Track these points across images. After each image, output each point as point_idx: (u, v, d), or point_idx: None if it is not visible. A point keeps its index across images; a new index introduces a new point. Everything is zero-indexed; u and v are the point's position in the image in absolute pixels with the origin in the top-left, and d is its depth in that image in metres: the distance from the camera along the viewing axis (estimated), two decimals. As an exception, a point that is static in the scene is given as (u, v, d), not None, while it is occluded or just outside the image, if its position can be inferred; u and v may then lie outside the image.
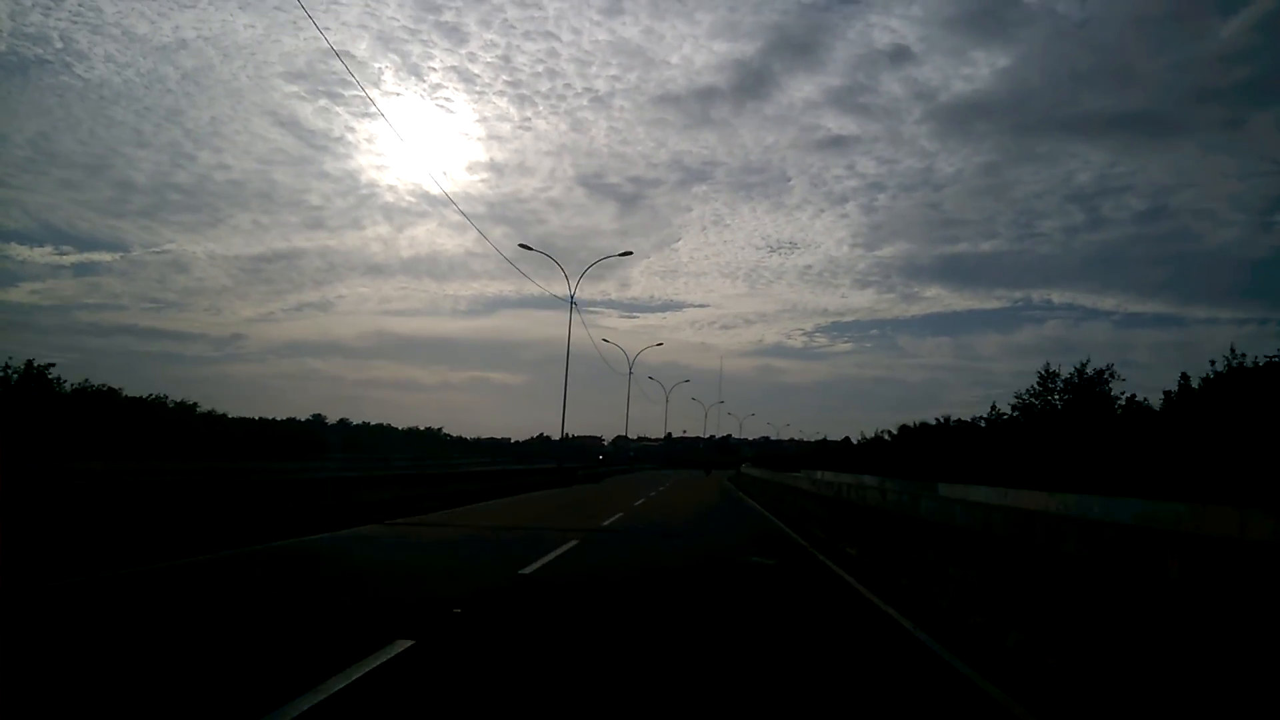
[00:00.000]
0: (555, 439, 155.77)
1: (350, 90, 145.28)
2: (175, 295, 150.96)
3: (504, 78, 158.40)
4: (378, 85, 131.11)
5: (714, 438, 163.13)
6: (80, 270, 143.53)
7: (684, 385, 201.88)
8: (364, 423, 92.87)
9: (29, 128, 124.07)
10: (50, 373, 40.58)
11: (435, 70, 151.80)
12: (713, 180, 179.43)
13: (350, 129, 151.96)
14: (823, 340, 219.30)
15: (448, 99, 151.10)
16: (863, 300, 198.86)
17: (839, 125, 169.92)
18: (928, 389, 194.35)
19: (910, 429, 69.78)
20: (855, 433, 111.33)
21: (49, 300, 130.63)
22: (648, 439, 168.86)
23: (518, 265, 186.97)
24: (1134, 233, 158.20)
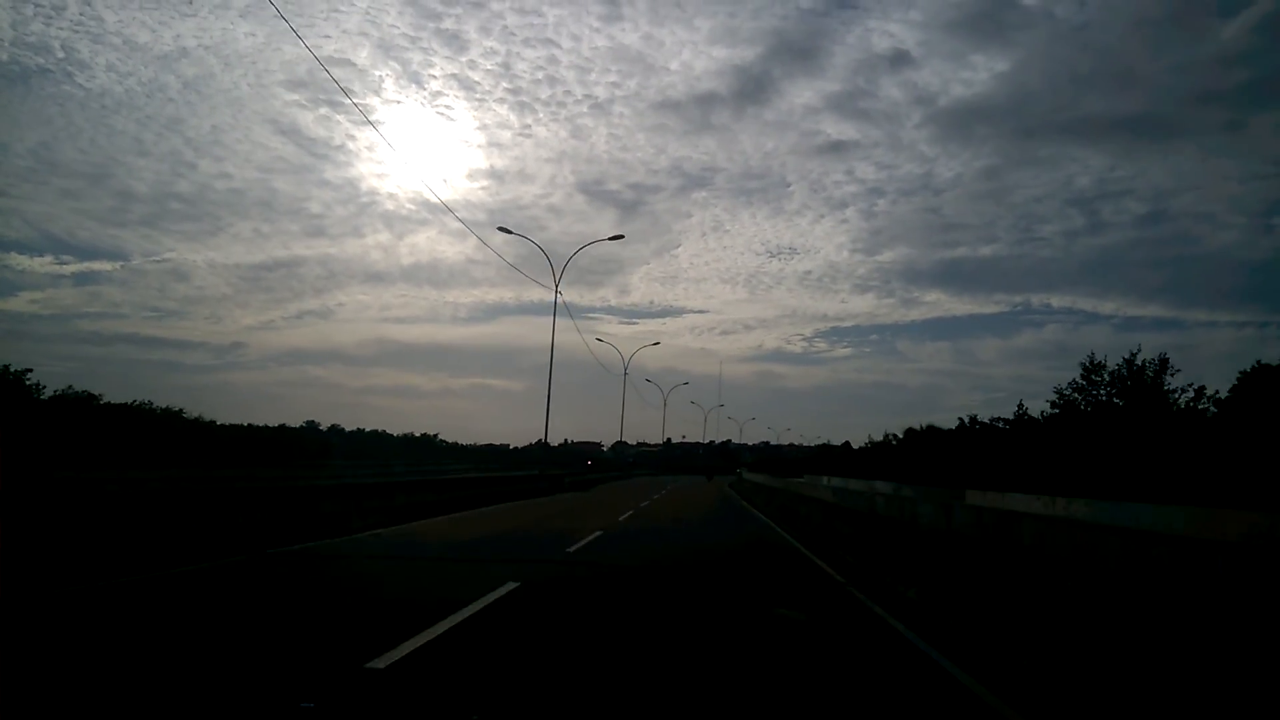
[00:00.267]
0: (554, 445, 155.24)
1: (352, 98, 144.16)
2: (176, 304, 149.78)
3: (504, 85, 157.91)
4: (378, 93, 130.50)
5: (713, 443, 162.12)
6: (80, 280, 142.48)
7: (684, 392, 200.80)
8: (358, 429, 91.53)
9: (30, 137, 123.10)
10: (28, 378, 39.03)
11: (435, 78, 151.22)
12: (712, 186, 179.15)
13: (351, 137, 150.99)
14: (822, 345, 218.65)
15: (448, 106, 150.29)
16: (862, 305, 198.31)
17: (838, 130, 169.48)
18: (927, 394, 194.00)
19: (917, 432, 68.15)
20: (855, 438, 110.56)
21: (49, 310, 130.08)
22: (647, 444, 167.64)
23: (520, 269, 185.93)
24: (1134, 236, 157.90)
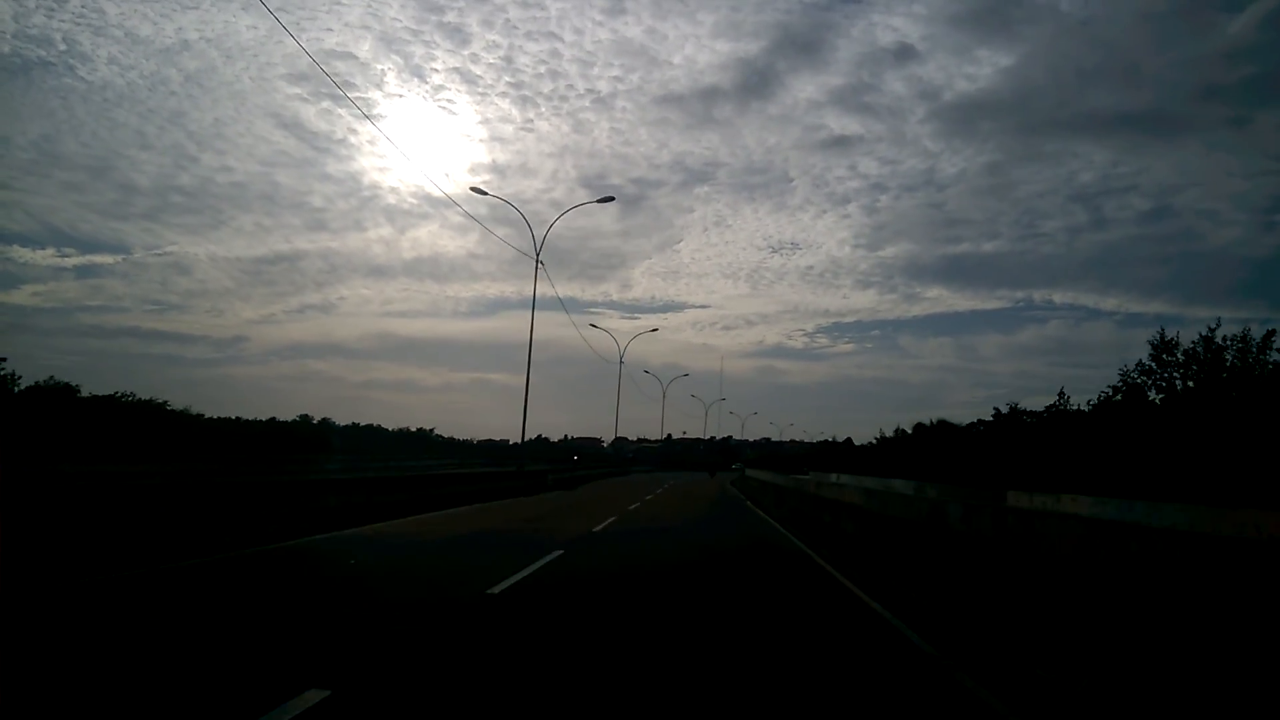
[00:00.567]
0: (554, 440, 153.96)
1: (353, 92, 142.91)
2: (177, 297, 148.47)
3: (506, 79, 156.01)
4: (380, 87, 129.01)
5: (714, 439, 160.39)
6: (82, 273, 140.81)
7: (685, 387, 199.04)
8: (354, 423, 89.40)
9: (32, 130, 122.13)
10: (1, 368, 37.13)
11: (438, 71, 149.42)
12: (715, 181, 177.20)
13: (353, 130, 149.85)
14: (824, 341, 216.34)
15: (450, 100, 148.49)
16: (864, 301, 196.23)
17: (842, 125, 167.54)
18: (929, 390, 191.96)
19: (928, 427, 66.02)
20: (857, 434, 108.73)
21: (51, 302, 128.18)
22: (648, 441, 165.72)
23: (517, 267, 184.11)
24: (1137, 233, 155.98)
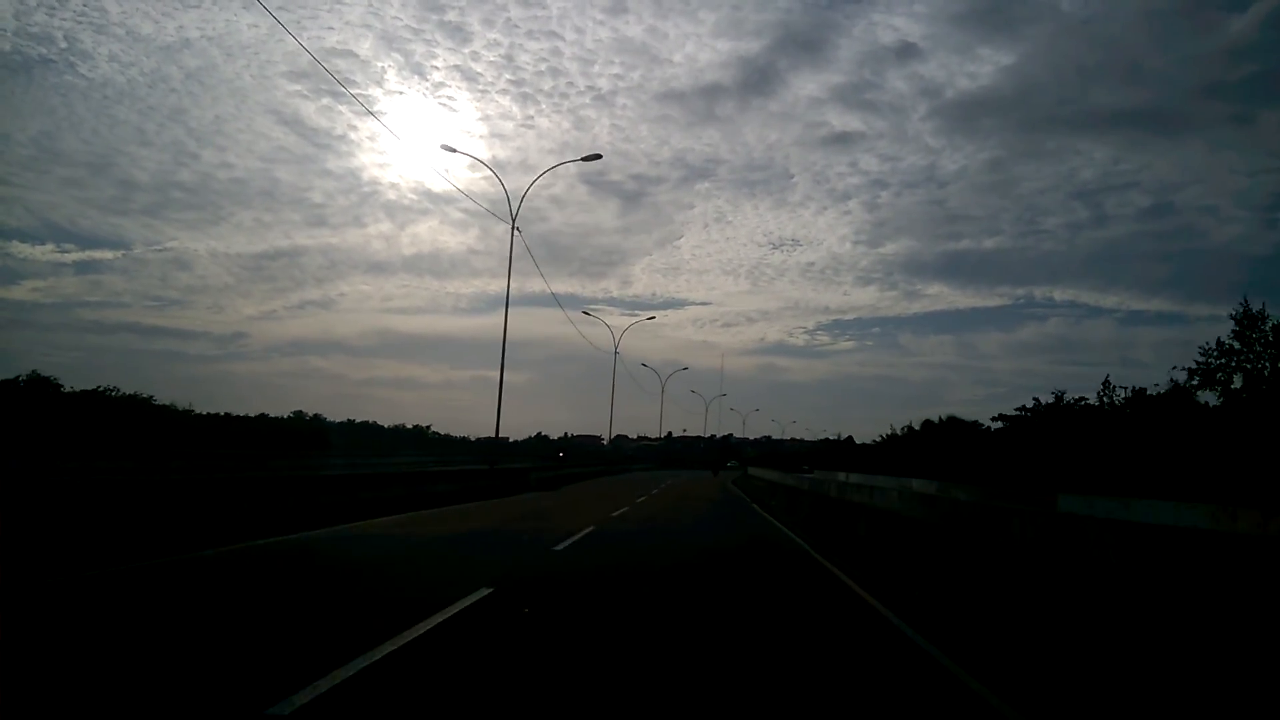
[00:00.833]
0: (554, 438, 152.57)
1: (353, 89, 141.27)
2: (178, 293, 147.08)
3: (507, 76, 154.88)
4: (380, 84, 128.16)
5: (714, 437, 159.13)
6: (82, 268, 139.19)
7: (685, 383, 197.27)
8: (349, 420, 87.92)
9: (32, 126, 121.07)
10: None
11: (438, 69, 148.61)
12: (715, 178, 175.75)
13: (353, 127, 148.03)
14: (824, 338, 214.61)
15: (450, 98, 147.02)
16: (865, 298, 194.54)
17: (843, 122, 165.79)
18: (930, 387, 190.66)
19: (937, 425, 64.53)
20: (858, 432, 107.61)
21: (51, 298, 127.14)
22: (648, 439, 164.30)
23: (518, 261, 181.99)
24: (1137, 230, 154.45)
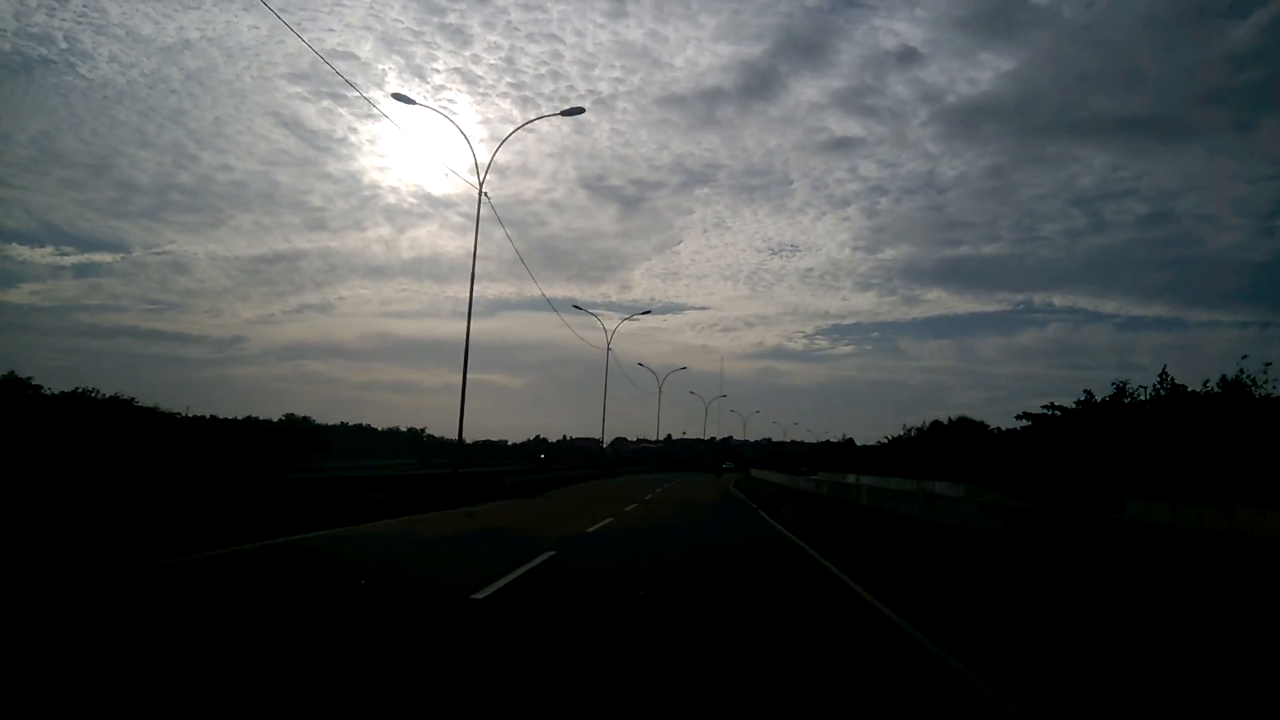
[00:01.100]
0: (553, 441, 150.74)
1: (353, 92, 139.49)
2: (176, 297, 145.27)
3: (507, 79, 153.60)
4: (381, 86, 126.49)
5: (714, 439, 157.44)
6: (81, 271, 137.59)
7: (684, 385, 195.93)
8: (342, 423, 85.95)
9: (32, 127, 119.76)
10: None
11: (439, 72, 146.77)
12: (714, 183, 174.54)
13: (353, 130, 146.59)
14: (824, 343, 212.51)
15: (451, 100, 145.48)
16: (864, 303, 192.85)
17: (843, 127, 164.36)
18: (929, 392, 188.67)
19: (946, 425, 62.18)
20: (858, 435, 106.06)
21: (49, 301, 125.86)
22: (647, 441, 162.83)
23: (516, 265, 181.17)
24: (1136, 236, 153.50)
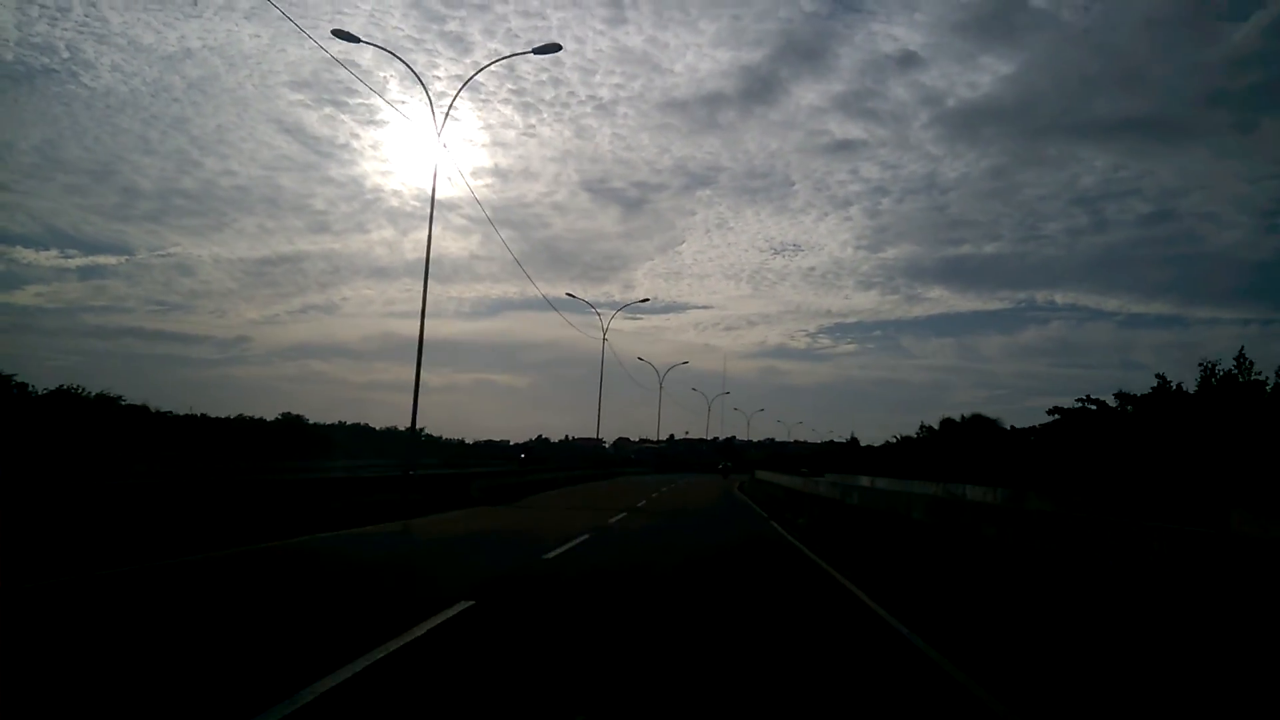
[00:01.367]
0: (555, 441, 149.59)
1: (355, 98, 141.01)
2: (180, 298, 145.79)
3: (508, 86, 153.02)
4: (382, 94, 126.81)
5: (717, 439, 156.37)
6: (85, 273, 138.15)
7: (686, 382, 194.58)
8: (339, 422, 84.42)
9: (35, 135, 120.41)
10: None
11: (440, 79, 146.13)
12: (716, 185, 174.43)
13: (355, 135, 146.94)
14: (826, 341, 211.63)
15: (453, 106, 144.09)
16: (866, 302, 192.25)
17: (844, 130, 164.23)
18: (932, 390, 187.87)
19: (958, 423, 59.89)
20: (861, 434, 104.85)
21: (54, 303, 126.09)
22: (649, 441, 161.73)
23: (516, 267, 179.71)
24: (1138, 235, 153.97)
